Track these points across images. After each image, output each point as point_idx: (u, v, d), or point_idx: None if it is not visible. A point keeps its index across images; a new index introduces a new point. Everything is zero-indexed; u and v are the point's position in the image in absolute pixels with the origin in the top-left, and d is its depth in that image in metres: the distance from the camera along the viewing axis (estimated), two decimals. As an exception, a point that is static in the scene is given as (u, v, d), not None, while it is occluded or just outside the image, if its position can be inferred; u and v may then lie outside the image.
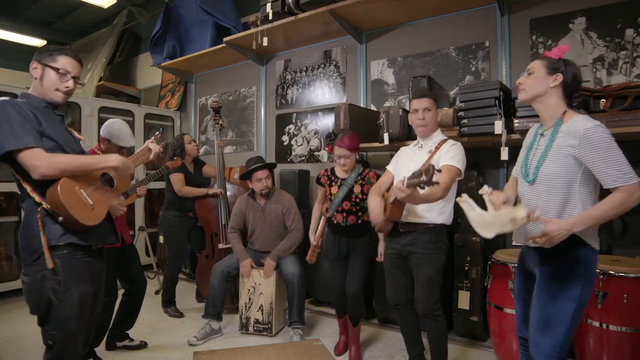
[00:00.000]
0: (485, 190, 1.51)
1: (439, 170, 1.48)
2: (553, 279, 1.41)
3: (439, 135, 2.08)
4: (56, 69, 1.56)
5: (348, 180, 2.42)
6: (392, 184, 2.12)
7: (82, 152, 1.69)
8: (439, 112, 2.08)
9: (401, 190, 1.56)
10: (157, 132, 2.14)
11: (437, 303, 1.99)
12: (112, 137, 2.40)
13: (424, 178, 1.44)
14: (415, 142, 2.15)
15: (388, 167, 2.22)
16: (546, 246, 1.34)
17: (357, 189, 2.41)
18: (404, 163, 2.11)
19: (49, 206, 1.46)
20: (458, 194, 1.68)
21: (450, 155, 1.93)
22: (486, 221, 1.42)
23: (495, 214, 1.41)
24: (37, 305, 1.50)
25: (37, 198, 1.48)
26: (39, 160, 1.42)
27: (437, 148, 2.00)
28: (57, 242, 1.48)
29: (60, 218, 1.46)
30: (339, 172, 2.49)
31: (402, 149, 2.23)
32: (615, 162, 1.30)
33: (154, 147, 1.93)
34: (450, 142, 2.01)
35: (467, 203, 1.48)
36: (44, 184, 1.47)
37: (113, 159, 1.60)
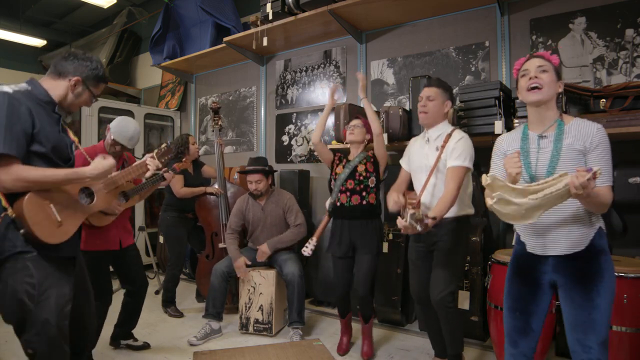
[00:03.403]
0: (487, 179, 1.36)
1: (434, 218, 1.69)
2: (594, 281, 1.39)
3: (444, 128, 2.06)
4: (94, 95, 1.62)
5: (353, 160, 2.47)
6: (409, 182, 2.17)
7: (70, 160, 1.60)
8: (447, 104, 2.06)
9: (406, 227, 1.67)
10: (164, 145, 1.95)
11: (452, 295, 1.98)
12: (113, 128, 2.26)
13: (419, 228, 1.62)
14: (422, 134, 2.16)
15: (402, 164, 2.22)
16: (577, 190, 1.18)
17: (361, 168, 2.45)
18: (416, 160, 2.12)
19: (14, 215, 1.40)
20: None
21: (457, 154, 1.94)
22: (529, 208, 1.29)
23: (539, 194, 1.24)
24: (11, 312, 1.42)
25: (4, 202, 1.41)
26: (7, 174, 1.34)
27: (444, 145, 2.00)
28: (22, 249, 1.41)
29: (22, 231, 1.40)
30: (351, 156, 2.53)
31: (411, 142, 2.23)
32: (610, 165, 1.38)
33: (152, 163, 1.84)
34: (457, 135, 2.00)
35: (502, 199, 1.32)
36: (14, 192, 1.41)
37: (88, 170, 1.52)
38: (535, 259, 1.49)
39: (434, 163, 2.00)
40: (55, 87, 1.54)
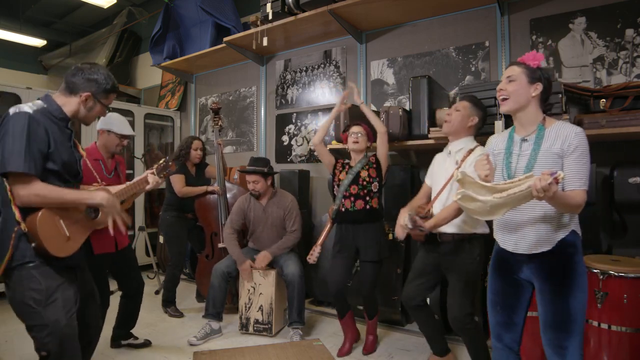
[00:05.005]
0: (458, 175, 1.40)
1: (429, 216, 1.82)
2: (564, 278, 1.42)
3: (467, 143, 2.06)
4: (106, 106, 1.69)
5: (355, 166, 2.49)
6: (429, 196, 2.14)
7: (78, 174, 1.68)
8: (473, 119, 2.06)
9: (402, 227, 1.82)
10: (162, 161, 2.03)
11: (469, 316, 1.97)
12: (113, 126, 2.37)
13: (409, 226, 1.82)
14: (445, 148, 2.16)
15: (425, 180, 2.21)
16: (538, 193, 1.22)
17: (363, 173, 2.46)
18: (437, 173, 2.12)
19: (26, 230, 1.47)
20: None
21: (472, 169, 1.93)
22: (494, 205, 1.33)
23: (503, 194, 1.29)
24: (21, 314, 1.50)
25: (17, 215, 1.47)
26: (24, 189, 1.43)
27: (463, 159, 2.00)
28: (30, 259, 1.48)
29: (34, 244, 1.47)
30: (352, 161, 2.54)
31: (435, 157, 2.22)
32: (587, 168, 1.40)
33: (153, 179, 1.93)
34: (479, 150, 1.99)
35: (466, 196, 1.37)
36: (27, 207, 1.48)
37: (99, 197, 1.61)
38: (509, 255, 1.54)
39: (450, 175, 2.00)
40: (68, 104, 1.62)
